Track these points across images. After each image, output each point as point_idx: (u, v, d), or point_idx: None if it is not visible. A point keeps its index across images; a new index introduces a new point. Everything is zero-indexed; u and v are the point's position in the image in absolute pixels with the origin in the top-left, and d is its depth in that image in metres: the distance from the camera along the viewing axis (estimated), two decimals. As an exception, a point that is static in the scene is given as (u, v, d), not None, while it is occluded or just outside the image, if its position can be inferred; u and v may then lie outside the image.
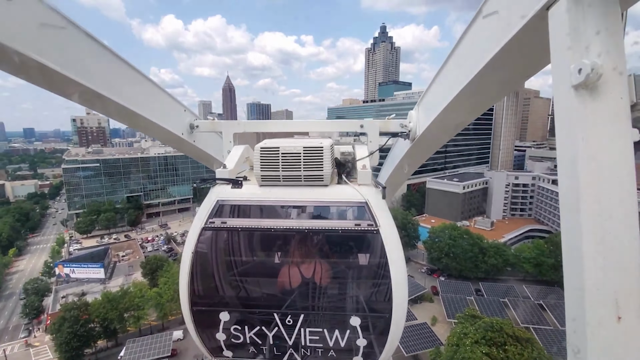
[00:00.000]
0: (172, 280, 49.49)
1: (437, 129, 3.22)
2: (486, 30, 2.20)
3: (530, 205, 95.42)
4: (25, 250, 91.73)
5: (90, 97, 2.68)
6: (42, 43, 2.19)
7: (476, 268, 60.62)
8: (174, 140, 4.01)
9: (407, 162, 4.31)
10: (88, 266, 65.20)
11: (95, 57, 2.68)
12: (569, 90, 1.45)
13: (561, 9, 1.51)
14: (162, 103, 3.61)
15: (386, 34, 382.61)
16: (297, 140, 3.05)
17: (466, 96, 2.57)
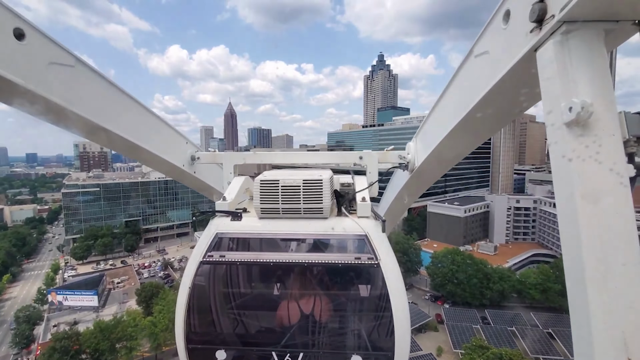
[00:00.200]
0: (167, 308, 47.94)
1: (435, 161, 3.28)
2: (478, 69, 2.30)
3: (533, 229, 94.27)
4: (20, 276, 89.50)
5: (95, 131, 2.76)
6: (50, 80, 2.27)
7: (481, 295, 58.88)
8: (174, 172, 4.05)
9: (406, 193, 4.33)
10: (82, 293, 63.28)
11: (101, 92, 2.77)
12: (561, 127, 1.48)
13: (548, 51, 1.57)
14: (164, 135, 3.69)
15: (384, 62, 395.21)
16: (296, 172, 3.05)
17: (462, 130, 2.65)
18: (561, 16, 1.46)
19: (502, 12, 1.97)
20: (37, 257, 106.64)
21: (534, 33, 1.65)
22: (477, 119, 2.45)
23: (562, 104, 1.47)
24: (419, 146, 3.51)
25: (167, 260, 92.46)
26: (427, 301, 64.68)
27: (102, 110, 2.76)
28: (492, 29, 2.13)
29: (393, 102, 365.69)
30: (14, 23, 2.06)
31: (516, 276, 61.04)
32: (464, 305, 60.04)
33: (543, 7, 1.56)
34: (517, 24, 1.82)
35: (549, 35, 1.57)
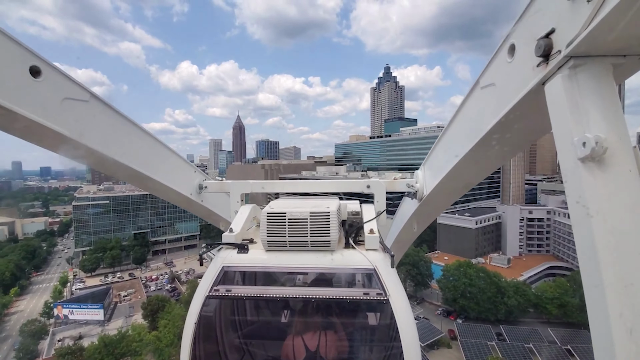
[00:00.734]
0: (172, 322, 47.22)
1: (444, 190, 3.25)
2: (484, 100, 2.31)
3: (547, 240, 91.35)
4: (28, 289, 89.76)
5: (105, 162, 2.82)
6: (64, 115, 2.34)
7: (496, 309, 56.63)
8: (182, 201, 4.09)
9: (416, 221, 4.28)
10: (88, 307, 62.95)
11: (113, 125, 2.84)
12: (576, 162, 1.45)
13: (557, 85, 1.56)
14: (173, 165, 3.78)
15: (390, 74, 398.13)
16: (303, 203, 3.06)
17: (470, 160, 2.66)
18: (568, 52, 1.45)
19: (506, 46, 1.97)
20: (46, 270, 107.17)
21: (540, 67, 1.65)
22: (485, 149, 2.46)
23: (574, 138, 1.44)
24: (427, 174, 3.52)
25: (175, 272, 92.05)
26: (439, 316, 62.55)
27: (113, 142, 2.83)
28: (497, 62, 2.13)
29: (400, 114, 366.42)
30: (30, 61, 2.13)
31: (532, 290, 58.76)
32: (477, 320, 57.83)
33: (548, 42, 1.56)
34: (523, 58, 1.82)
35: (556, 70, 1.57)
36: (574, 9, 1.41)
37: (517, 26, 1.90)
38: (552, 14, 1.57)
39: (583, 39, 1.36)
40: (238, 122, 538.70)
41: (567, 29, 1.46)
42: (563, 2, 1.47)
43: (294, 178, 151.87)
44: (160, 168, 3.52)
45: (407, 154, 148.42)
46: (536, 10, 1.71)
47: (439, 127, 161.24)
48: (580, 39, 1.37)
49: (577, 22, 1.38)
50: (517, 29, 1.90)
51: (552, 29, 1.55)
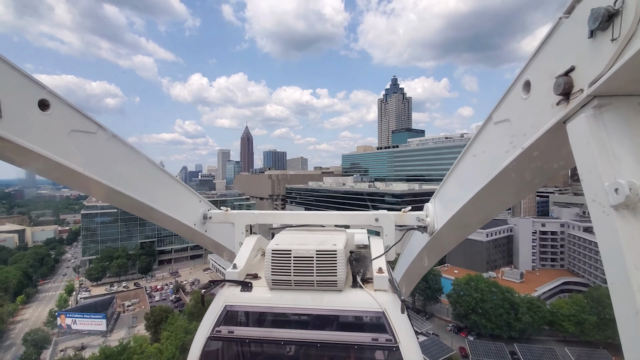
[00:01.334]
0: (175, 334, 46.25)
1: (456, 225, 3.10)
2: (499, 136, 2.23)
3: (562, 254, 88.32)
4: (34, 297, 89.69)
5: (108, 193, 2.79)
6: (69, 148, 2.34)
7: (509, 326, 54.30)
8: (185, 231, 3.99)
9: (426, 255, 4.09)
10: (90, 317, 62.32)
11: (118, 157, 2.82)
12: (608, 210, 1.35)
13: (581, 125, 1.47)
14: (178, 195, 3.72)
15: (397, 85, 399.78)
16: (310, 237, 2.92)
17: (485, 197, 2.56)
18: (591, 91, 1.39)
19: (521, 82, 1.92)
20: (53, 278, 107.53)
21: (561, 106, 1.58)
22: (501, 187, 2.38)
23: (605, 183, 1.35)
24: (438, 208, 3.40)
25: (180, 283, 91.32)
26: (450, 332, 60.28)
27: (117, 174, 2.78)
28: (512, 98, 2.06)
29: (407, 125, 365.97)
30: (40, 94, 2.15)
31: (547, 306, 56.36)
32: (490, 337, 55.54)
33: (568, 80, 1.50)
34: (540, 95, 1.76)
35: (579, 109, 1.50)
36: (595, 47, 1.35)
37: (532, 63, 1.82)
38: (571, 52, 1.51)
39: (608, 79, 1.30)
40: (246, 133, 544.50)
41: (589, 68, 1.40)
42: (583, 40, 1.41)
43: (300, 189, 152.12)
44: (165, 198, 3.46)
45: (414, 165, 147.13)
46: (553, 47, 1.66)
47: (447, 138, 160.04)
48: (604, 78, 1.31)
49: (600, 60, 1.32)
50: (532, 66, 1.83)
51: (572, 67, 1.49)
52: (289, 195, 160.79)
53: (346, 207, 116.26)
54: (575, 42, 1.48)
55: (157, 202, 3.33)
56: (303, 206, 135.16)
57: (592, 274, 75.04)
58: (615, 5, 1.23)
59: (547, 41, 1.69)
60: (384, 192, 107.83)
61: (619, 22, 1.22)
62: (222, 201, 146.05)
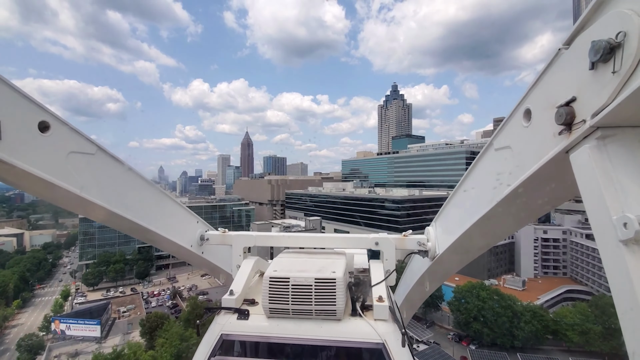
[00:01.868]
0: (170, 342, 45.28)
1: (458, 250, 3.08)
2: (500, 163, 2.21)
3: (564, 262, 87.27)
4: (30, 302, 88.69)
5: (106, 215, 2.76)
6: (67, 169, 2.32)
7: (512, 335, 53.19)
8: (181, 252, 3.90)
9: (428, 280, 4.02)
10: (85, 322, 61.10)
11: (116, 178, 2.80)
12: (617, 244, 1.30)
13: (584, 156, 1.45)
14: (176, 217, 3.63)
15: (397, 92, 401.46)
16: (309, 262, 2.87)
17: (486, 224, 2.54)
18: (594, 122, 1.38)
19: (521, 110, 1.92)
20: (50, 283, 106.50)
21: (563, 136, 1.57)
22: (503, 214, 2.34)
23: (613, 217, 1.31)
24: (439, 232, 3.37)
25: (177, 288, 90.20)
26: (451, 341, 59.10)
27: (113, 195, 2.74)
28: (513, 125, 2.05)
29: (407, 131, 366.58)
30: (40, 117, 2.13)
31: (550, 315, 55.29)
32: (492, 346, 54.40)
33: (570, 111, 1.49)
34: (541, 124, 1.75)
35: (582, 139, 1.48)
36: (596, 79, 1.35)
37: (532, 92, 1.83)
38: (571, 82, 1.51)
39: (611, 111, 1.29)
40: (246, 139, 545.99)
41: (591, 99, 1.39)
42: (584, 72, 1.41)
43: (300, 195, 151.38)
44: (162, 220, 3.39)
45: (414, 171, 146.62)
46: (553, 77, 1.67)
47: (447, 144, 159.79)
48: (608, 110, 1.30)
49: (602, 92, 1.32)
50: (533, 95, 1.83)
51: (573, 97, 1.48)
52: (288, 200, 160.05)
53: (346, 213, 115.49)
54: (575, 73, 1.47)
55: (154, 224, 3.27)
56: (302, 211, 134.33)
57: (596, 282, 74.02)
58: (617, 39, 1.23)
59: (547, 71, 1.69)
60: (384, 197, 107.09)
61: (621, 55, 1.22)
62: (221, 206, 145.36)
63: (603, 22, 1.34)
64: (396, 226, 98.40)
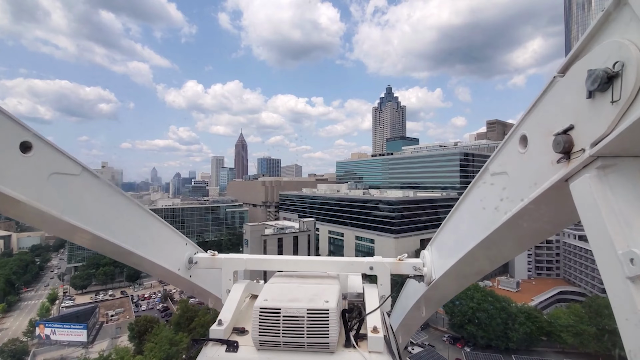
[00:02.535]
0: (159, 346, 44.08)
1: (455, 275, 3.08)
2: (496, 188, 2.19)
3: (557, 263, 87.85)
4: (16, 305, 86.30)
5: (89, 239, 2.70)
6: (48, 191, 2.23)
7: (506, 337, 52.93)
8: (167, 276, 3.77)
9: (424, 305, 3.95)
10: (70, 327, 59.30)
11: (100, 200, 2.72)
12: (624, 281, 1.26)
13: (585, 186, 1.42)
14: (163, 239, 3.56)
15: (392, 94, 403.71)
16: (300, 289, 2.80)
17: (484, 250, 2.52)
18: (594, 152, 1.35)
19: (517, 136, 1.92)
20: (37, 286, 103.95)
21: (561, 164, 1.55)
22: (501, 241, 2.32)
23: (618, 252, 1.27)
24: (435, 256, 3.33)
25: (168, 292, 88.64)
26: (446, 343, 58.66)
27: (98, 218, 2.66)
28: (508, 151, 2.04)
29: (402, 133, 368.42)
30: (22, 137, 2.08)
31: (544, 316, 55.21)
32: (487, 348, 54.10)
33: (568, 139, 1.47)
34: (538, 151, 1.73)
35: (581, 168, 1.46)
36: (594, 108, 1.33)
37: (528, 119, 1.81)
38: (568, 111, 1.50)
39: (611, 141, 1.27)
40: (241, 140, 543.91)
41: (589, 128, 1.37)
42: (581, 100, 1.40)
43: (294, 196, 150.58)
44: (148, 243, 3.27)
45: (409, 172, 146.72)
46: (549, 104, 1.66)
47: (441, 146, 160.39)
48: (607, 141, 1.28)
49: (601, 122, 1.30)
50: (528, 121, 1.81)
51: (571, 126, 1.47)
52: (282, 202, 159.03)
53: (340, 214, 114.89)
54: (572, 101, 1.47)
55: (140, 247, 3.14)
56: (296, 213, 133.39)
57: (589, 283, 74.45)
58: (615, 68, 1.23)
59: (542, 98, 1.68)
60: (379, 198, 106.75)
61: (619, 85, 1.21)
62: (214, 208, 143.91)
63: (599, 51, 1.33)
64: (391, 227, 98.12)
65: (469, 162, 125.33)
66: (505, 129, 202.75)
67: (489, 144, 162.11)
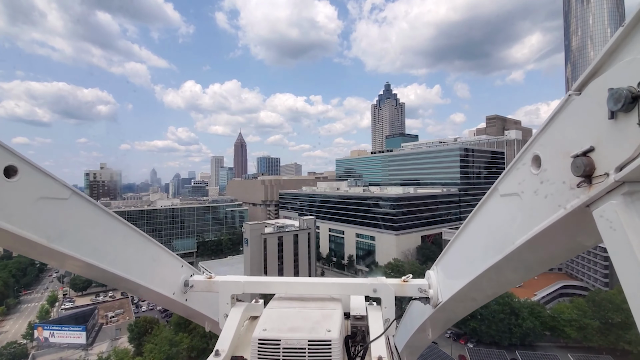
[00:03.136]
0: (159, 347, 43.59)
1: (464, 299, 2.97)
2: (507, 211, 2.07)
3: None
4: (16, 308, 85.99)
5: (79, 266, 2.58)
6: (35, 217, 2.11)
7: (510, 332, 52.50)
8: (162, 301, 3.65)
9: (430, 327, 3.81)
10: (69, 329, 58.86)
11: (90, 224, 2.59)
12: None
13: (610, 214, 1.35)
14: (157, 263, 3.43)
15: (390, 91, 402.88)
16: (301, 316, 2.73)
17: (494, 275, 2.41)
18: (620, 177, 1.27)
19: (529, 155, 1.81)
20: (36, 288, 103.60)
21: (582, 189, 1.46)
22: (514, 265, 2.19)
23: None
24: (441, 277, 3.24)
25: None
26: (449, 340, 58.19)
27: (88, 244, 2.51)
28: (520, 171, 1.92)
29: (401, 130, 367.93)
30: (6, 161, 1.97)
31: (547, 311, 54.77)
32: (490, 344, 53.71)
33: (589, 162, 1.37)
34: (554, 173, 1.63)
35: (605, 193, 1.37)
36: (618, 129, 1.26)
37: (541, 138, 1.71)
38: (587, 131, 1.41)
39: (639, 166, 1.19)
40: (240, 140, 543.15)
41: (612, 151, 1.29)
42: (601, 121, 1.32)
43: (294, 195, 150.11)
44: (142, 267, 3.13)
45: (408, 169, 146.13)
46: (564, 124, 1.56)
47: (440, 142, 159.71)
48: (634, 165, 1.20)
49: (626, 145, 1.22)
50: (542, 141, 1.72)
51: (591, 147, 1.38)
52: (282, 200, 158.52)
53: (340, 212, 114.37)
54: (591, 122, 1.38)
55: (133, 273, 2.98)
56: (296, 211, 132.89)
57: (591, 277, 74.04)
58: (639, 88, 1.15)
59: (557, 117, 1.59)
60: (379, 195, 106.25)
61: None
62: (214, 207, 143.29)
63: (621, 68, 1.26)
64: (391, 224, 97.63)
65: (469, 158, 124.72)
66: (505, 124, 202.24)
67: (489, 139, 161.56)
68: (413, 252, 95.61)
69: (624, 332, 47.28)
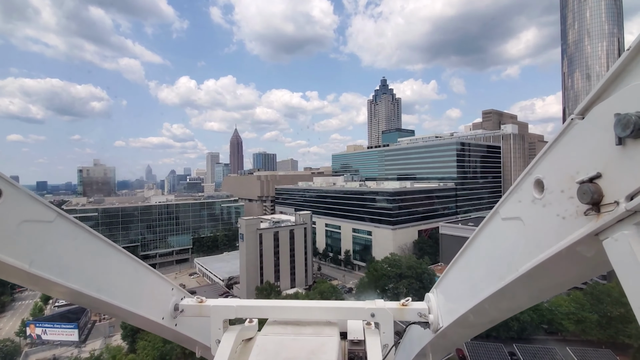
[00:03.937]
0: (152, 344, 42.86)
1: (465, 325, 2.89)
2: (509, 236, 2.00)
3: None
4: (9, 306, 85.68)
5: (64, 291, 2.46)
6: (16, 242, 2.01)
7: (507, 326, 52.35)
8: (150, 326, 3.53)
9: (430, 352, 3.70)
10: (61, 326, 58.19)
11: (75, 248, 2.47)
12: None
13: (622, 245, 1.29)
14: (146, 287, 3.31)
15: (387, 86, 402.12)
16: (296, 343, 2.70)
17: (498, 301, 2.32)
18: (631, 206, 1.21)
19: (531, 179, 1.74)
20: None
21: (590, 217, 1.40)
22: (517, 292, 2.11)
23: None
24: (441, 301, 3.16)
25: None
26: (446, 334, 58.17)
27: (72, 268, 2.39)
28: (522, 195, 1.86)
29: (397, 126, 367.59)
30: None
31: (545, 304, 54.70)
32: (488, 338, 53.45)
33: (597, 189, 1.32)
34: (558, 198, 1.57)
35: (615, 222, 1.31)
36: (627, 156, 1.21)
37: (543, 162, 1.67)
38: (592, 157, 1.36)
39: None
40: (235, 136, 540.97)
41: (622, 179, 1.24)
42: (607, 146, 1.27)
43: (290, 190, 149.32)
44: (129, 292, 3.02)
45: (405, 164, 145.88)
46: (568, 148, 1.51)
47: (436, 137, 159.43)
48: None
49: (636, 172, 1.18)
50: (544, 165, 1.67)
51: (598, 174, 1.33)
52: (278, 196, 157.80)
53: (337, 207, 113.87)
54: (596, 147, 1.33)
55: (120, 298, 2.86)
56: (293, 207, 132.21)
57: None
58: None
59: (559, 141, 1.54)
60: (376, 190, 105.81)
61: None
62: (209, 203, 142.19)
63: (628, 93, 1.22)
64: (388, 219, 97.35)
65: (465, 152, 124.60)
66: (501, 118, 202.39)
67: (485, 134, 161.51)
68: (410, 247, 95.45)
69: (624, 326, 47.27)
